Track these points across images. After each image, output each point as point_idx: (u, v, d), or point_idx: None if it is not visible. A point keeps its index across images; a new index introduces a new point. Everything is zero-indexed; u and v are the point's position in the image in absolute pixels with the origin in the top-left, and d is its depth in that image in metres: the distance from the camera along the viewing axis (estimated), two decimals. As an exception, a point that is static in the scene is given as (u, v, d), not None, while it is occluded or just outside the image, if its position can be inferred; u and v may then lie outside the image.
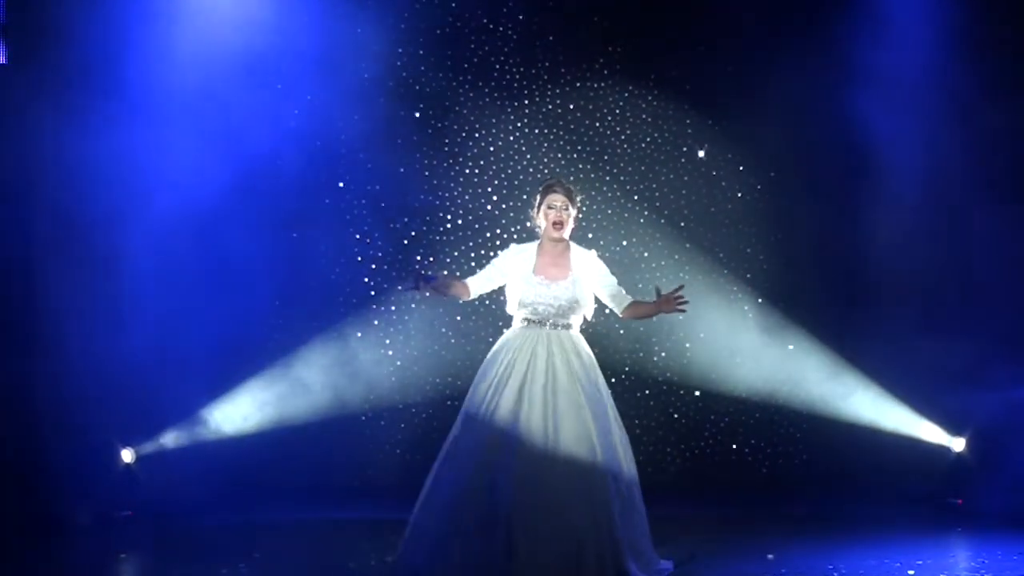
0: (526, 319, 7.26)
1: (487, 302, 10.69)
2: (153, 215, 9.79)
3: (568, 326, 7.26)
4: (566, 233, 7.33)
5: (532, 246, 7.39)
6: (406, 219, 10.78)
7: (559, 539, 6.75)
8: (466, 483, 6.91)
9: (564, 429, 6.94)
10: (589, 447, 6.94)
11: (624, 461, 7.11)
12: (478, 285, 7.38)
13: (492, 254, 10.74)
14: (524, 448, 6.88)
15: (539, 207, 7.37)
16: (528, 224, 10.65)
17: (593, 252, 7.44)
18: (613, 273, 7.42)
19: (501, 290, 7.42)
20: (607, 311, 7.57)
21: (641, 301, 7.43)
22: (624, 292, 7.42)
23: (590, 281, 7.33)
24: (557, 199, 7.31)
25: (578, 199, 7.40)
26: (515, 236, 10.75)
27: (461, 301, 7.44)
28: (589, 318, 7.40)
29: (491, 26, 10.83)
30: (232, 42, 10.05)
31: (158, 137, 9.87)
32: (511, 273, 7.30)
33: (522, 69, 10.88)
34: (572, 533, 6.76)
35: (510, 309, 7.36)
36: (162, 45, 9.79)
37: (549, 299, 7.21)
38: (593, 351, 7.24)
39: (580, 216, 7.51)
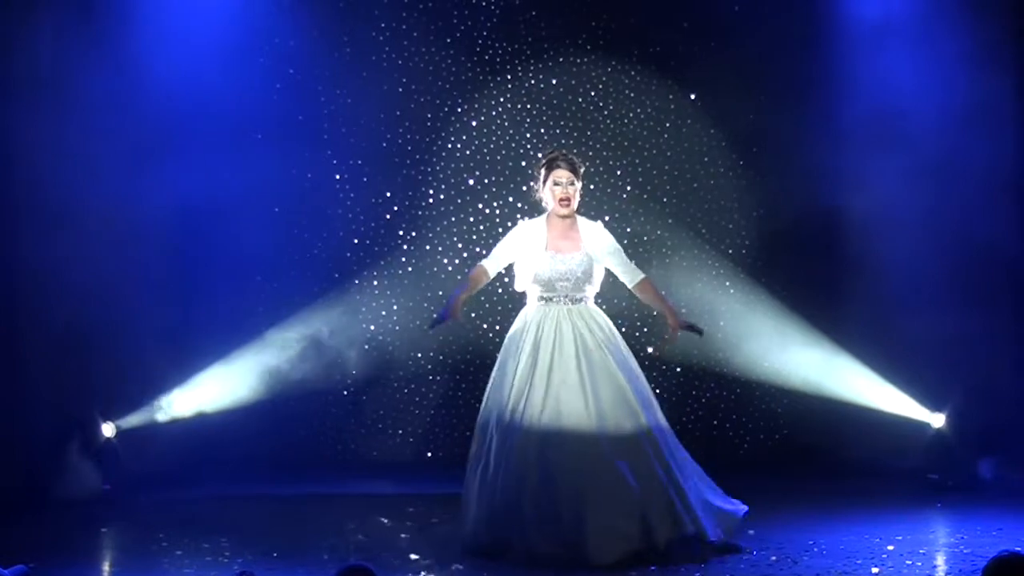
0: (542, 296, 7.25)
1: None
2: (134, 187, 9.74)
3: (584, 299, 7.26)
4: (573, 208, 7.31)
5: (540, 221, 7.35)
6: (388, 193, 10.76)
7: (624, 505, 6.79)
8: (516, 463, 6.88)
9: (603, 397, 6.99)
10: (630, 410, 7.00)
11: (661, 418, 7.20)
12: (494, 266, 7.37)
13: (474, 228, 10.76)
14: (569, 421, 6.92)
15: (544, 182, 7.30)
16: (511, 199, 10.73)
17: (599, 223, 7.43)
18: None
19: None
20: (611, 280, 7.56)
21: (659, 294, 7.44)
22: (635, 266, 7.42)
23: (599, 252, 7.31)
24: (562, 175, 7.24)
25: (582, 169, 7.36)
26: (496, 211, 10.74)
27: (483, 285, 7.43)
28: (596, 290, 7.39)
29: (474, 0, 10.78)
30: (217, 20, 10.03)
31: (145, 113, 9.86)
32: (523, 250, 7.28)
33: (504, 44, 10.84)
34: (634, 497, 6.80)
35: (520, 286, 7.34)
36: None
37: (564, 273, 7.20)
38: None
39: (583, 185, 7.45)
